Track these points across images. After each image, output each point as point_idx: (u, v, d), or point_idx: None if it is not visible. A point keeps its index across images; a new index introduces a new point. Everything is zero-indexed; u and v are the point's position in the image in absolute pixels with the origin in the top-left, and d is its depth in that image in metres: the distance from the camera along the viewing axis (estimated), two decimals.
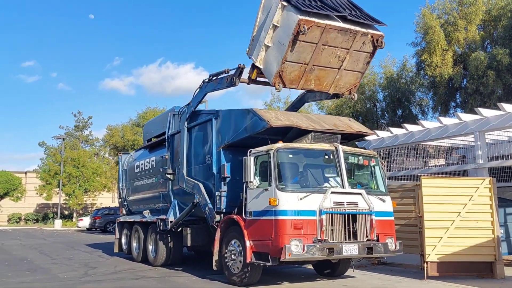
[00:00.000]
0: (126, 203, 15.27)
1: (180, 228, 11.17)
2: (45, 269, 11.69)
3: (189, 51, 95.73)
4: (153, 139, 14.21)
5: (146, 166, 13.77)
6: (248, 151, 8.55)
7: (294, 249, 7.62)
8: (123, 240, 14.50)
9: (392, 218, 8.92)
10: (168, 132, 12.22)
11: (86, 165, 42.00)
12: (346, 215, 8.17)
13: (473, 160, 13.24)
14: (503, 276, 9.55)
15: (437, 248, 9.49)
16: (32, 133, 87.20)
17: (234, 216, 8.86)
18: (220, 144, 9.90)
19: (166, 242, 11.85)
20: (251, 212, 8.43)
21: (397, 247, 8.69)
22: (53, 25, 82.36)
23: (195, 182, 10.52)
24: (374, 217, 8.35)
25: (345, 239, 8.09)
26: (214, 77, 10.17)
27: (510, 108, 11.97)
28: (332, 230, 8.01)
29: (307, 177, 8.77)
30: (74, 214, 44.98)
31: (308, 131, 8.79)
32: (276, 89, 8.73)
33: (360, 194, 8.45)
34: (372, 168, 9.25)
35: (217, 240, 9.27)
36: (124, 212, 15.45)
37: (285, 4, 8.26)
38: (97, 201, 45.73)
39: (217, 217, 9.49)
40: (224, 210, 9.46)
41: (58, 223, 39.75)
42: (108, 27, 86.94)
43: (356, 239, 8.18)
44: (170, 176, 11.74)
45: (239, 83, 9.29)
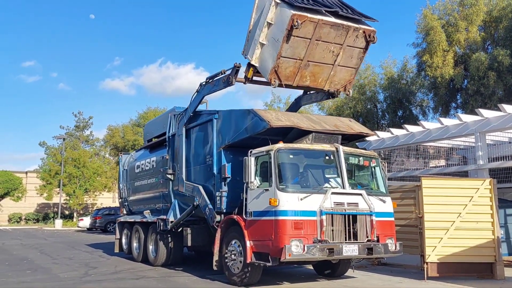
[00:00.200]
0: (126, 203, 15.28)
1: (181, 228, 11.18)
2: (46, 269, 11.71)
3: (189, 52, 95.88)
4: (153, 139, 14.22)
5: (147, 166, 13.78)
6: (249, 151, 8.55)
7: (294, 249, 7.63)
8: (123, 240, 14.52)
9: (392, 218, 8.92)
10: (169, 133, 12.23)
11: (87, 165, 42.03)
12: (346, 216, 8.18)
13: (474, 161, 13.24)
14: (503, 277, 9.55)
15: (437, 248, 9.49)
16: (33, 133, 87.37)
17: (235, 216, 8.87)
18: (220, 144, 9.91)
19: (167, 242, 11.85)
20: (251, 212, 8.44)
21: (397, 247, 8.69)
22: (54, 25, 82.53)
23: (195, 185, 10.55)
24: (374, 218, 8.36)
25: (345, 240, 8.10)
26: (210, 80, 10.25)
27: (510, 109, 11.98)
28: (332, 230, 8.02)
29: (308, 177, 8.78)
30: (75, 214, 45.02)
31: (308, 131, 8.80)
32: (272, 85, 8.80)
33: (360, 194, 8.45)
34: (373, 169, 9.25)
35: (217, 240, 9.28)
36: (125, 212, 15.47)
37: (278, 1, 8.44)
38: (97, 201, 45.76)
39: (218, 217, 9.50)
40: (224, 211, 9.47)
41: (58, 223, 39.79)
42: (109, 27, 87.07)
43: (356, 240, 8.19)
44: (170, 176, 11.75)
45: (235, 82, 9.37)
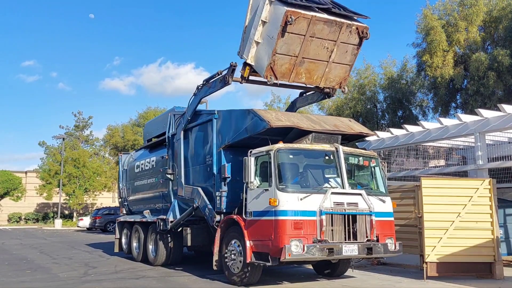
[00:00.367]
0: (126, 203, 15.29)
1: (180, 228, 11.18)
2: (46, 269, 11.71)
3: (189, 51, 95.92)
4: (153, 139, 14.22)
5: (147, 166, 13.79)
6: (249, 151, 8.55)
7: (294, 249, 7.64)
8: (123, 240, 14.52)
9: (392, 218, 8.93)
10: (169, 132, 12.24)
11: (87, 165, 42.02)
12: (346, 216, 8.19)
13: (473, 161, 13.25)
14: (502, 277, 9.56)
15: (436, 248, 9.50)
16: (32, 133, 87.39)
17: (234, 216, 8.87)
18: (220, 144, 9.91)
19: (166, 242, 11.86)
20: (251, 212, 8.45)
21: (397, 247, 8.70)
22: (53, 24, 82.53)
23: (194, 187, 10.59)
24: (374, 218, 8.37)
25: (345, 240, 8.11)
26: (207, 82, 10.35)
27: (510, 109, 11.98)
28: (332, 230, 8.02)
29: (307, 177, 8.79)
30: (74, 214, 45.02)
31: (308, 131, 8.80)
32: (268, 81, 8.89)
33: (360, 194, 8.46)
34: (372, 169, 9.26)
35: (217, 240, 9.28)
36: (124, 212, 15.47)
37: None
38: (97, 201, 45.74)
39: (217, 217, 9.51)
40: (224, 210, 9.48)
41: (58, 223, 39.78)
42: (108, 26, 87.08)
43: (356, 240, 8.20)
44: (170, 176, 11.76)
45: (232, 81, 9.43)
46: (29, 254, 15.51)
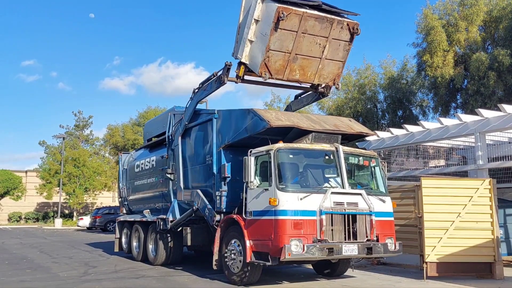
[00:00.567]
0: (126, 203, 15.29)
1: (180, 227, 11.18)
2: (45, 268, 11.71)
3: (189, 51, 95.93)
4: (153, 138, 14.22)
5: (147, 165, 13.79)
6: (249, 151, 8.55)
7: (294, 249, 7.64)
8: (123, 240, 14.53)
9: (392, 218, 8.93)
10: (169, 132, 12.23)
11: (87, 164, 42.03)
12: (346, 215, 8.18)
13: (473, 161, 13.25)
14: (502, 277, 9.56)
15: (436, 248, 9.49)
16: (33, 133, 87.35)
17: (234, 216, 8.87)
18: (220, 144, 9.91)
19: (166, 241, 11.86)
20: (251, 212, 8.45)
21: (397, 247, 8.70)
22: (53, 24, 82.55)
23: (193, 190, 10.62)
24: (374, 218, 8.37)
25: (345, 239, 8.10)
26: (203, 85, 10.50)
27: (510, 109, 11.98)
28: (332, 230, 8.02)
29: (307, 177, 8.78)
30: (75, 213, 45.02)
31: (308, 131, 8.80)
32: (262, 78, 9.02)
33: (360, 194, 8.46)
34: (372, 169, 9.26)
35: (217, 240, 9.28)
36: (125, 211, 15.47)
37: None
38: (97, 200, 45.75)
39: (217, 217, 9.51)
40: (224, 210, 9.48)
41: (58, 222, 39.80)
42: (108, 26, 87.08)
43: (356, 239, 8.20)
44: (170, 176, 11.76)
45: (227, 81, 9.55)
46: (29, 254, 15.51)
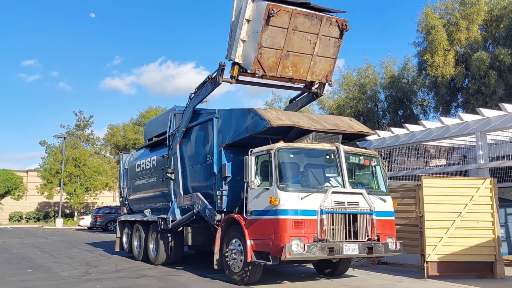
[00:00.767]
0: (127, 202, 15.30)
1: (181, 227, 11.19)
2: (46, 268, 11.73)
3: (189, 51, 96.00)
4: (154, 138, 14.23)
5: (147, 165, 13.79)
6: (249, 150, 8.55)
7: (295, 248, 7.63)
8: (124, 239, 14.55)
9: (392, 218, 8.92)
10: (169, 132, 12.24)
11: (87, 164, 42.06)
12: (346, 215, 8.18)
13: (474, 160, 13.24)
14: (503, 276, 9.55)
15: (437, 248, 9.49)
16: (33, 132, 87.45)
17: (235, 216, 8.87)
18: (221, 143, 9.91)
19: (167, 241, 11.87)
20: (252, 211, 8.45)
21: (398, 246, 8.69)
22: (54, 23, 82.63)
23: (193, 193, 10.63)
24: (374, 217, 8.36)
25: (346, 239, 8.10)
26: (198, 89, 10.67)
27: (511, 108, 11.96)
28: (332, 229, 8.02)
29: (308, 176, 8.78)
30: (75, 213, 45.08)
31: (309, 131, 8.80)
32: (256, 75, 9.18)
33: (361, 194, 8.46)
34: (373, 168, 9.26)
35: (218, 239, 9.29)
36: (125, 211, 15.48)
37: None
38: (98, 200, 45.79)
39: (218, 216, 9.51)
40: (225, 210, 9.48)
41: (59, 222, 39.86)
42: (109, 26, 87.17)
43: (357, 239, 8.19)
44: (171, 176, 11.76)
45: (222, 81, 9.70)
46: (30, 253, 15.53)
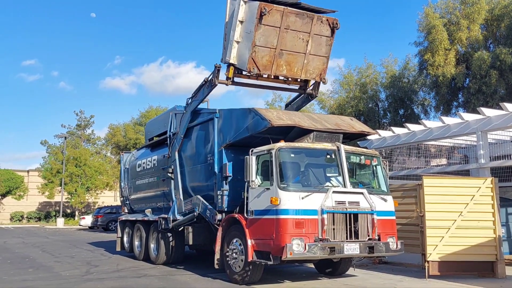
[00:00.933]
0: (128, 202, 15.31)
1: (182, 227, 11.19)
2: (48, 267, 11.74)
3: (190, 50, 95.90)
4: (154, 138, 14.23)
5: (148, 165, 13.80)
6: (250, 150, 8.55)
7: (296, 248, 7.63)
8: (125, 239, 14.56)
9: (393, 217, 8.92)
10: (170, 131, 12.24)
11: (88, 164, 42.08)
12: (347, 215, 8.18)
13: (475, 159, 13.23)
14: (504, 276, 9.55)
15: (438, 247, 9.49)
16: (34, 132, 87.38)
17: (236, 215, 8.87)
18: (221, 143, 9.91)
19: (168, 240, 11.87)
20: (252, 211, 8.45)
21: (399, 246, 8.69)
22: (54, 23, 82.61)
23: (193, 197, 10.65)
24: (375, 217, 8.36)
25: (347, 238, 8.10)
26: (195, 94, 10.78)
27: None
28: (333, 229, 8.02)
29: (309, 176, 8.78)
30: (76, 213, 45.12)
31: (310, 130, 8.80)
32: (250, 72, 9.33)
33: (361, 193, 8.45)
34: (374, 168, 9.25)
35: (218, 239, 9.29)
36: (126, 210, 15.49)
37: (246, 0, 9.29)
38: (99, 199, 45.83)
39: (219, 216, 9.52)
40: (225, 209, 9.49)
41: (60, 222, 39.89)
42: (109, 25, 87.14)
43: (358, 238, 8.19)
44: (171, 175, 11.76)
45: (218, 83, 9.82)
46: (31, 253, 15.55)
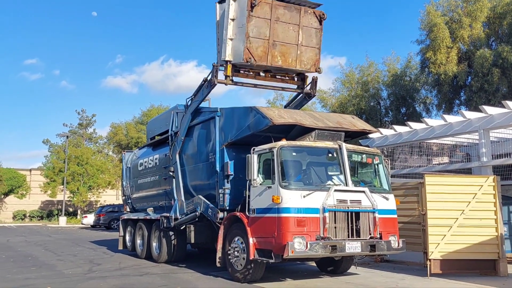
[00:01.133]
0: (130, 201, 15.34)
1: (184, 225, 11.21)
2: (50, 266, 11.78)
3: (191, 49, 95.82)
4: (156, 137, 14.24)
5: (150, 164, 13.82)
6: (252, 149, 8.56)
7: (297, 246, 7.64)
8: (127, 237, 14.59)
9: (395, 216, 8.92)
10: (172, 130, 12.25)
11: (90, 162, 42.16)
12: (349, 213, 8.18)
13: (477, 158, 13.21)
14: (506, 274, 9.53)
15: (440, 245, 9.48)
16: (36, 131, 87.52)
17: (238, 214, 8.89)
18: (223, 142, 9.92)
19: (170, 239, 11.90)
20: (254, 209, 8.46)
21: (400, 244, 8.69)
22: (55, 22, 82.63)
23: (194, 197, 10.67)
24: (377, 215, 8.36)
25: (348, 237, 8.10)
26: (194, 95, 10.87)
27: None
28: (335, 227, 8.02)
29: (311, 175, 8.79)
30: (79, 211, 45.22)
31: (311, 129, 8.80)
32: (247, 62, 9.48)
33: (363, 192, 8.45)
34: (376, 166, 9.25)
35: (220, 237, 9.31)
36: (128, 209, 15.52)
37: None
38: (101, 198, 45.94)
39: (221, 214, 9.53)
40: (227, 208, 9.50)
41: (62, 220, 39.99)
42: (111, 24, 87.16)
43: (359, 237, 8.19)
44: (173, 174, 11.77)
45: (217, 82, 9.92)
46: (33, 251, 15.60)
